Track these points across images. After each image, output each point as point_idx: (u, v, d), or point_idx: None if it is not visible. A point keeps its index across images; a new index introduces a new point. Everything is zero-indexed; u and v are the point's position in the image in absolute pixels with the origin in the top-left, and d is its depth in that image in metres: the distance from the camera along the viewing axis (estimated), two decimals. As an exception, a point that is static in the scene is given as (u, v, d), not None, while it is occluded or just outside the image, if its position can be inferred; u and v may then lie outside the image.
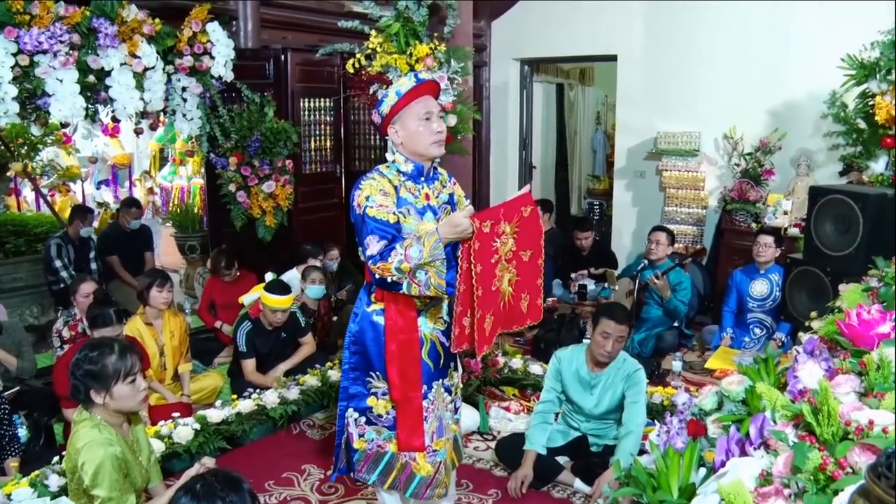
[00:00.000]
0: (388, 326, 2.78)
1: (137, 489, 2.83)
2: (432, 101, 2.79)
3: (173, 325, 4.78)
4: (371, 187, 2.68)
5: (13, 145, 7.33)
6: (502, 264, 2.66)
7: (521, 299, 2.79)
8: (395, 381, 2.79)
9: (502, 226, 2.63)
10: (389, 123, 2.77)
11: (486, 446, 4.27)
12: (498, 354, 5.10)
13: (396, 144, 2.79)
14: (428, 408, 2.85)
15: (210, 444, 4.01)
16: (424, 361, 2.82)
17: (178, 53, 5.17)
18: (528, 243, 2.76)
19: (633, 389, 3.67)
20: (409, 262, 2.50)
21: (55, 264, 6.12)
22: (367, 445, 2.90)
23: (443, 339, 2.85)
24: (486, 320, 2.61)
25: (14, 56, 4.24)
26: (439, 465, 2.89)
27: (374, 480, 2.92)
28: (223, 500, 2.03)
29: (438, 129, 2.76)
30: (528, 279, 2.79)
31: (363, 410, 2.89)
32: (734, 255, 6.38)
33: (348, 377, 2.91)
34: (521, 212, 2.72)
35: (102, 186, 10.90)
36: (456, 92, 4.69)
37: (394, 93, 2.74)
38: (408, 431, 2.83)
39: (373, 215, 2.61)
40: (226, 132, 5.60)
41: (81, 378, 2.71)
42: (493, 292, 2.63)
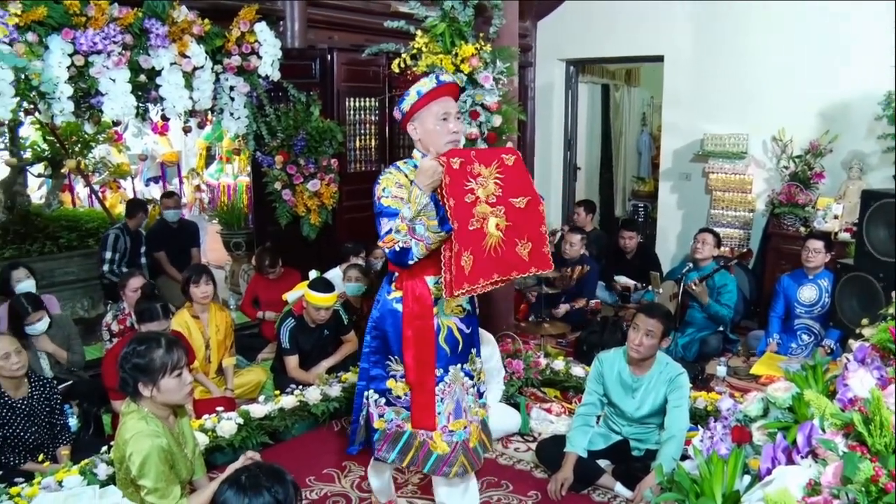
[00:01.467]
0: (406, 313, 2.93)
1: (182, 481, 2.89)
2: (451, 103, 2.92)
3: (219, 319, 4.86)
4: (388, 180, 2.86)
5: (68, 143, 7.54)
6: (483, 206, 2.76)
7: (518, 245, 2.85)
8: (411, 365, 2.95)
9: (476, 167, 2.77)
10: (409, 121, 2.92)
11: (526, 448, 4.25)
12: (540, 356, 5.08)
13: (415, 141, 2.94)
14: (444, 390, 2.98)
15: (252, 439, 4.06)
16: (441, 346, 2.96)
17: (227, 53, 5.24)
18: (519, 190, 2.87)
19: (675, 393, 3.63)
20: (405, 221, 2.70)
21: (105, 255, 6.29)
22: (387, 425, 3.06)
23: (461, 326, 3.00)
24: (464, 257, 2.70)
25: (70, 56, 4.35)
26: (456, 445, 3.00)
27: (394, 458, 3.05)
28: (269, 490, 2.07)
29: (454, 129, 2.86)
30: (525, 226, 2.87)
31: (383, 392, 3.05)
32: (782, 259, 6.26)
33: (369, 360, 3.07)
34: (501, 158, 2.85)
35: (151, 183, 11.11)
36: (501, 92, 4.68)
37: (415, 92, 2.87)
38: (421, 411, 2.97)
39: (386, 204, 2.80)
40: (272, 131, 5.66)
41: (130, 371, 2.77)
42: (472, 231, 2.73)
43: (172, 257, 6.69)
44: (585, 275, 6.26)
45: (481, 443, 3.14)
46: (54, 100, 4.35)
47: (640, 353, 3.64)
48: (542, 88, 8.44)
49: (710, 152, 6.89)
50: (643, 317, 3.65)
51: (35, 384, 3.86)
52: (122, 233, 6.43)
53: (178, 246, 6.80)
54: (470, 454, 3.04)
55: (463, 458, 3.02)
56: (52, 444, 3.89)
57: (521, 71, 7.83)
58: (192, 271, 4.86)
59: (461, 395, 3.05)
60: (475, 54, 4.53)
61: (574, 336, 6.02)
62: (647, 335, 3.61)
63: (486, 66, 4.60)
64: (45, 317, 4.50)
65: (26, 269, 5.07)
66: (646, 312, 3.68)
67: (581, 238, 6.54)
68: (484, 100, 4.60)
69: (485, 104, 4.61)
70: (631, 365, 3.74)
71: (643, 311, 3.71)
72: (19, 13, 4.05)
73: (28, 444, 3.76)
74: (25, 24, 4.12)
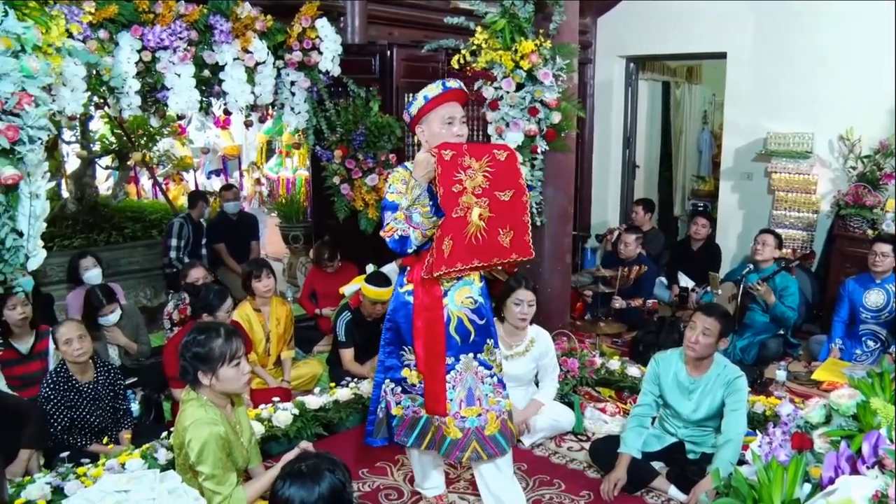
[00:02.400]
0: (416, 304, 3.11)
1: (238, 468, 2.94)
2: (457, 107, 3.08)
3: (279, 312, 4.93)
4: (394, 178, 3.09)
5: (134, 136, 7.74)
6: (469, 196, 2.95)
7: (500, 234, 3.03)
8: (421, 354, 3.11)
9: (467, 159, 2.95)
10: (417, 123, 3.11)
11: (579, 447, 4.22)
12: (595, 355, 5.04)
13: (423, 142, 3.12)
14: (455, 378, 3.12)
15: (307, 430, 4.11)
16: (451, 336, 3.11)
17: (288, 49, 5.31)
18: (506, 184, 3.05)
19: (733, 397, 3.56)
20: (402, 210, 2.95)
21: (171, 242, 6.47)
22: (404, 412, 3.23)
23: (472, 317, 3.13)
24: (445, 242, 2.91)
25: (138, 52, 4.47)
26: (468, 431, 3.12)
27: (412, 443, 3.24)
28: (332, 473, 2.10)
29: (458, 133, 3.05)
30: (508, 216, 3.05)
31: (398, 381, 3.22)
32: (846, 262, 6.08)
33: (385, 351, 3.23)
34: (493, 154, 3.04)
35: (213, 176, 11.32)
36: (560, 89, 4.66)
37: (422, 97, 3.06)
38: (432, 398, 3.12)
39: (390, 199, 3.04)
40: (331, 126, 5.72)
41: (190, 360, 2.83)
42: (455, 219, 2.92)
43: (232, 249, 6.83)
44: (643, 275, 6.18)
45: (503, 433, 3.18)
46: (123, 94, 4.48)
47: (696, 351, 3.59)
48: (601, 85, 8.35)
49: (773, 151, 6.73)
50: (701, 315, 3.62)
51: (101, 369, 4.00)
52: (186, 222, 6.61)
53: (238, 238, 6.92)
54: (485, 442, 3.13)
55: (476, 445, 3.12)
56: (115, 428, 4.04)
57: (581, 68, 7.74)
58: (252, 266, 4.93)
59: (474, 383, 3.16)
60: (535, 51, 4.51)
61: (630, 336, 5.96)
62: (703, 334, 3.56)
63: (546, 63, 4.58)
64: (117, 308, 4.65)
65: (94, 258, 5.23)
66: (704, 311, 3.65)
67: (637, 237, 6.47)
68: (543, 96, 4.58)
69: (544, 101, 4.59)
70: (688, 366, 3.69)
71: (701, 310, 3.68)
72: (93, 11, 4.18)
73: (93, 427, 3.92)
74: (98, 21, 4.25)
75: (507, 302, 4.14)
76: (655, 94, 9.55)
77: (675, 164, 10.20)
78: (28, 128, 2.76)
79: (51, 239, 6.23)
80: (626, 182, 8.67)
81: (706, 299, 6.16)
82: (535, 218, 4.89)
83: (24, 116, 2.74)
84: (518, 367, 4.25)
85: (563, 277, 5.18)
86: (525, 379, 4.33)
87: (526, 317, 4.14)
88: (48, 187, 3.12)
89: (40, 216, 3.07)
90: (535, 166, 4.79)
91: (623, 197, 8.62)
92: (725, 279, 6.01)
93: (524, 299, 4.10)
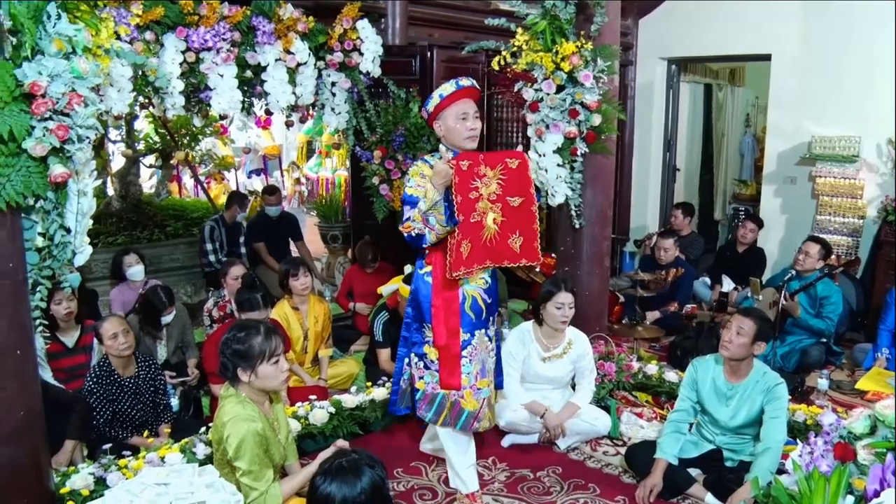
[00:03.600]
0: (435, 285, 3.40)
1: (275, 465, 2.98)
2: (470, 104, 3.38)
3: (318, 311, 4.97)
4: (414, 171, 3.37)
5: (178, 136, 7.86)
6: (484, 202, 3.27)
7: (511, 238, 3.35)
8: (439, 331, 3.40)
9: (482, 168, 3.27)
10: (434, 120, 3.39)
11: (615, 451, 4.20)
12: (633, 359, 5.00)
13: (440, 137, 3.41)
14: (472, 353, 3.44)
15: (343, 428, 4.15)
16: (466, 313, 3.42)
17: (329, 49, 5.35)
18: (516, 191, 3.34)
19: (773, 404, 3.51)
20: (420, 213, 3.20)
21: (206, 246, 6.55)
22: (426, 387, 3.49)
23: (484, 296, 3.45)
24: (463, 245, 3.23)
25: (183, 53, 4.53)
26: (483, 401, 3.47)
27: (431, 417, 3.48)
28: (371, 469, 2.11)
29: (472, 127, 3.35)
30: (519, 222, 3.36)
31: (421, 356, 3.50)
32: (893, 269, 5.96)
33: (410, 328, 3.54)
34: (506, 162, 3.33)
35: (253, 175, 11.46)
36: (601, 91, 4.62)
37: (437, 95, 3.34)
38: (447, 372, 3.42)
39: (409, 193, 3.30)
40: (371, 126, 5.74)
41: (230, 357, 2.87)
42: (472, 223, 3.25)
43: (272, 248, 6.88)
44: (680, 277, 6.13)
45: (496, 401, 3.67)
46: (167, 94, 4.54)
47: (729, 350, 3.55)
48: (642, 87, 8.29)
49: (818, 155, 6.62)
50: (738, 315, 3.61)
51: (142, 364, 4.08)
52: (218, 224, 6.66)
53: (278, 237, 6.98)
54: (492, 409, 3.56)
55: (489, 413, 3.51)
56: (155, 422, 4.12)
57: (622, 69, 7.71)
58: (289, 265, 4.95)
59: (485, 356, 3.52)
60: (576, 52, 4.49)
61: (668, 340, 5.91)
62: (737, 333, 3.52)
63: (587, 65, 4.55)
64: (173, 309, 4.75)
65: (137, 255, 5.32)
66: (742, 312, 3.64)
67: (674, 241, 6.43)
68: (584, 98, 4.55)
69: (584, 103, 4.57)
70: (726, 372, 3.64)
71: (739, 311, 3.67)
72: (140, 13, 4.25)
73: (134, 421, 4.00)
74: (144, 23, 4.32)
75: (547, 305, 4.13)
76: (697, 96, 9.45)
77: (716, 167, 10.08)
78: (77, 127, 2.81)
79: (96, 236, 6.35)
80: (667, 185, 8.60)
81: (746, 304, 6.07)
82: (574, 220, 4.87)
83: (73, 116, 2.79)
84: (556, 369, 4.24)
85: (602, 281, 5.15)
86: (562, 381, 4.32)
87: (567, 319, 4.14)
88: (95, 185, 3.16)
89: (87, 213, 3.12)
90: (575, 168, 4.76)
91: (663, 200, 8.55)
92: (767, 285, 5.93)
93: (565, 302, 4.09)
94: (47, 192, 2.86)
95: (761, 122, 9.69)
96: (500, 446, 4.22)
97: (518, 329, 4.36)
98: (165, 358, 4.82)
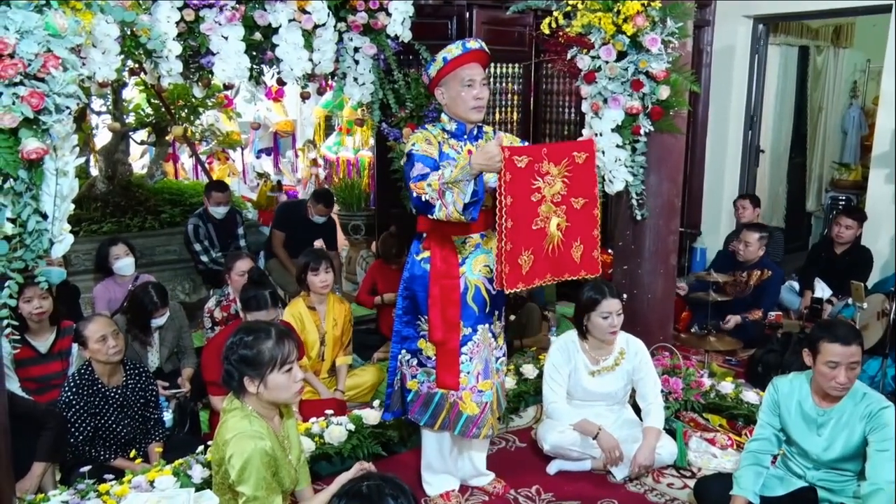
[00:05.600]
0: (433, 272, 3.51)
1: (285, 490, 2.99)
2: (478, 69, 3.45)
3: (337, 312, 5.01)
4: (417, 138, 3.47)
5: (174, 108, 7.89)
6: (548, 205, 3.26)
7: (573, 248, 3.38)
8: (436, 323, 3.50)
9: (545, 165, 3.22)
10: (436, 86, 3.52)
11: (682, 484, 4.18)
12: (703, 375, 4.97)
13: (443, 105, 3.54)
14: (473, 350, 3.56)
15: (363, 449, 4.17)
16: (469, 305, 3.54)
17: (352, 9, 5.33)
18: (581, 191, 3.35)
19: (878, 433, 3.37)
20: (440, 181, 3.17)
21: (195, 247, 6.61)
22: (419, 386, 3.63)
23: (488, 286, 3.56)
24: (523, 255, 3.21)
25: (180, 11, 4.54)
26: (485, 406, 3.57)
27: (426, 421, 3.63)
28: (395, 500, 2.13)
29: (478, 96, 3.44)
30: (580, 228, 3.38)
31: (414, 352, 3.64)
32: None
33: (402, 321, 3.66)
34: (573, 157, 3.31)
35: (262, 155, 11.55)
36: (671, 58, 4.58)
37: (441, 58, 3.43)
38: (444, 370, 3.53)
39: (418, 152, 3.39)
40: (400, 99, 5.74)
41: (235, 363, 2.88)
42: (534, 231, 3.23)
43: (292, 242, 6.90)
44: (765, 281, 6.07)
45: (499, 405, 3.76)
46: (161, 59, 4.53)
47: (848, 389, 3.40)
48: (720, 53, 8.18)
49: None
50: (839, 347, 3.31)
51: (131, 372, 4.11)
52: (202, 220, 6.70)
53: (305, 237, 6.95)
54: (495, 415, 3.68)
55: (491, 419, 3.61)
56: (145, 440, 4.14)
57: (697, 32, 7.62)
58: (310, 257, 4.96)
59: (489, 355, 3.62)
60: (641, 12, 4.45)
61: (747, 354, 5.86)
62: (850, 368, 3.33)
63: (654, 27, 4.52)
64: (167, 310, 4.80)
65: (126, 246, 5.37)
66: (842, 342, 3.33)
67: (760, 237, 6.35)
68: (649, 67, 4.52)
69: (650, 72, 4.54)
70: (816, 395, 3.55)
71: (836, 340, 3.34)
72: (127, -39, 4.28)
73: (119, 438, 4.02)
74: (134, -27, 4.35)
75: (592, 316, 4.14)
76: (790, 61, 9.31)
77: (810, 148, 9.96)
78: (55, 95, 2.80)
79: (77, 223, 6.43)
80: (748, 170, 8.50)
81: (846, 314, 5.97)
82: (636, 210, 4.85)
83: (49, 82, 2.78)
84: (608, 383, 4.24)
85: (667, 281, 5.12)
86: (616, 397, 4.32)
87: (616, 330, 4.15)
88: (77, 164, 3.15)
89: (67, 196, 3.10)
90: (637, 150, 4.73)
91: (743, 188, 8.44)
92: (874, 290, 5.79)
93: (612, 311, 4.10)
94: (18, 171, 2.84)
95: (872, 91, 9.51)
96: (546, 473, 4.23)
97: (562, 339, 4.36)
98: (158, 366, 4.90)
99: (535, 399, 5.01)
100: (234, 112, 9.80)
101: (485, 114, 3.56)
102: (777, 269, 6.36)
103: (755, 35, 8.15)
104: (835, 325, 3.57)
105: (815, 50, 9.57)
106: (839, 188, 9.80)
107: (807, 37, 9.29)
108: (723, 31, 8.09)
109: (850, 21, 9.50)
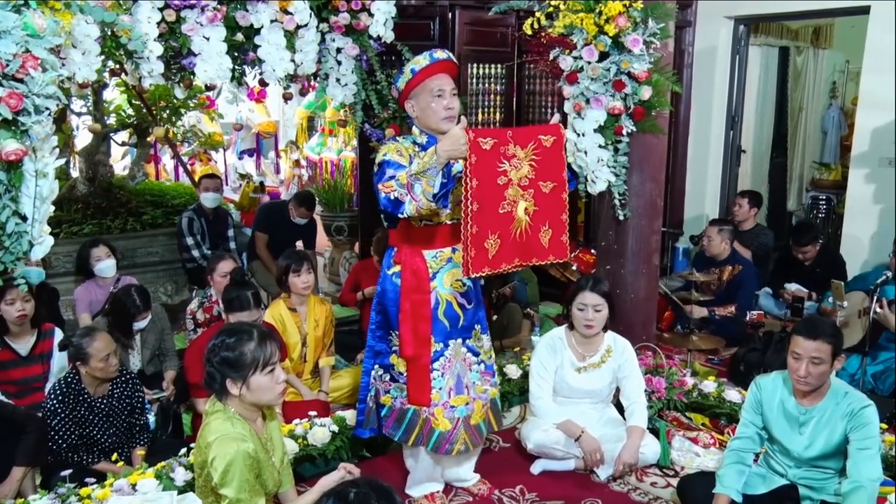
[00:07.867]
0: (403, 286, 3.50)
1: (268, 492, 2.98)
2: (447, 79, 3.45)
3: (318, 313, 5.00)
4: (389, 148, 3.43)
5: (155, 109, 7.87)
6: (515, 188, 3.22)
7: (541, 232, 3.34)
8: (407, 339, 3.49)
9: (511, 148, 3.19)
10: (406, 98, 3.51)
11: (665, 483, 4.19)
12: (686, 374, 4.99)
13: (413, 118, 3.52)
14: (444, 365, 3.55)
15: (347, 450, 4.16)
16: (440, 320, 3.52)
17: (334, 10, 5.32)
18: (549, 174, 3.32)
19: (859, 432, 3.40)
20: (408, 175, 3.15)
21: (187, 241, 6.60)
22: (393, 402, 3.63)
23: (461, 301, 3.57)
24: (489, 239, 3.17)
25: (161, 11, 4.51)
26: (457, 422, 3.56)
27: (400, 437, 3.63)
28: None
29: (449, 106, 3.43)
30: (548, 212, 3.34)
31: (387, 367, 3.64)
32: None
33: (374, 336, 3.67)
34: (540, 140, 3.28)
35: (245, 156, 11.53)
36: (652, 58, 4.60)
37: (409, 70, 3.43)
38: (416, 386, 3.53)
39: (390, 158, 3.35)
40: (383, 100, 5.73)
41: (217, 365, 2.87)
42: (500, 214, 3.19)
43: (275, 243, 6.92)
44: (737, 276, 6.10)
45: (486, 421, 3.72)
46: (142, 59, 4.51)
47: (810, 384, 3.43)
48: (702, 53, 8.22)
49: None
50: (802, 340, 3.38)
51: (117, 381, 4.05)
52: (197, 215, 6.71)
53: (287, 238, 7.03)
54: (471, 431, 3.61)
55: (465, 435, 3.58)
56: (129, 445, 4.11)
57: (678, 32, 7.65)
58: (291, 259, 4.95)
59: (462, 370, 3.61)
60: (623, 13, 4.47)
61: (729, 353, 5.88)
62: (812, 363, 3.37)
63: (636, 27, 4.53)
64: (149, 313, 4.78)
65: (107, 248, 5.35)
66: (805, 334, 3.40)
67: (720, 230, 6.43)
68: (631, 67, 4.54)
69: (632, 73, 4.55)
70: (796, 393, 3.56)
71: (801, 333, 3.42)
72: (107, -39, 4.25)
73: (104, 446, 3.98)
74: (114, -27, 4.32)
75: (572, 306, 4.20)
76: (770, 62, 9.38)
77: (791, 148, 10.02)
78: (34, 96, 2.79)
79: (58, 224, 6.39)
80: (729, 170, 8.52)
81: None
82: (619, 210, 4.87)
83: (28, 82, 2.77)
84: (593, 381, 4.26)
85: (650, 282, 5.14)
86: (601, 395, 4.34)
87: (591, 324, 4.16)
88: (57, 165, 3.14)
89: (47, 198, 3.09)
90: (620, 150, 4.75)
91: (724, 188, 8.48)
92: (854, 287, 5.79)
93: (588, 304, 4.14)
94: (-3, 173, 2.83)
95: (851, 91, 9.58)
96: (530, 473, 4.23)
97: (549, 335, 4.39)
98: (140, 368, 4.87)
99: (519, 399, 5.02)
100: (217, 113, 9.77)
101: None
102: (749, 264, 6.40)
103: (736, 36, 8.19)
104: (811, 320, 3.67)
105: (795, 51, 9.64)
106: (820, 187, 9.87)
107: (787, 38, 9.37)
108: (704, 32, 8.14)
109: (829, 22, 9.59)
